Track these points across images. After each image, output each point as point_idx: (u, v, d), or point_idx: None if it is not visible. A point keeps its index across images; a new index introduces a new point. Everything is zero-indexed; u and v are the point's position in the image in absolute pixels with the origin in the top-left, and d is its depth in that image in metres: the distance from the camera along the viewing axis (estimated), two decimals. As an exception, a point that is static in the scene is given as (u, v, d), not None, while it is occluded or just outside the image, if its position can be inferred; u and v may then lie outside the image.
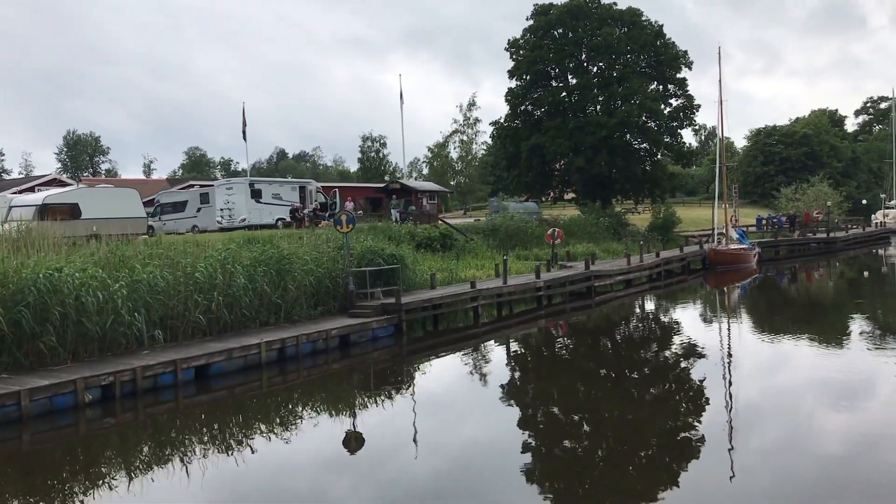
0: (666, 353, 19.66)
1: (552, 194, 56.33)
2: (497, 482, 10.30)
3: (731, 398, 14.25)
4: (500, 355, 19.98)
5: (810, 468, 10.29)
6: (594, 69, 51.89)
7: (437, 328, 22.92)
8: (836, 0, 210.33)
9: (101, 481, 10.71)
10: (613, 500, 9.64)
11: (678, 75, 51.84)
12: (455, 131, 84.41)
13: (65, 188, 35.24)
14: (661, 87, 52.00)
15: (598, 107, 50.93)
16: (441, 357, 19.64)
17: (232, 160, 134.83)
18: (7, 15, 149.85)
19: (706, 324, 25.27)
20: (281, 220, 36.16)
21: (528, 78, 52.15)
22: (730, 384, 15.47)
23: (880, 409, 13.26)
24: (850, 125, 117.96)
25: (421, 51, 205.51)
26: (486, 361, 19.02)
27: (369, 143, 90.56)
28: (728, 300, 31.78)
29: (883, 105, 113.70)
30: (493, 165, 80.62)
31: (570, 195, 57.04)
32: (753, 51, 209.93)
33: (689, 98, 51.84)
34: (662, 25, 51.37)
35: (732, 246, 42.45)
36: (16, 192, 38.33)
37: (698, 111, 51.78)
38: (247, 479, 10.59)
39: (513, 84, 53.28)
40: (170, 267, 17.87)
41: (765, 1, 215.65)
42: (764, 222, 60.16)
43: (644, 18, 51.59)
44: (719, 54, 46.17)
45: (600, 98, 50.75)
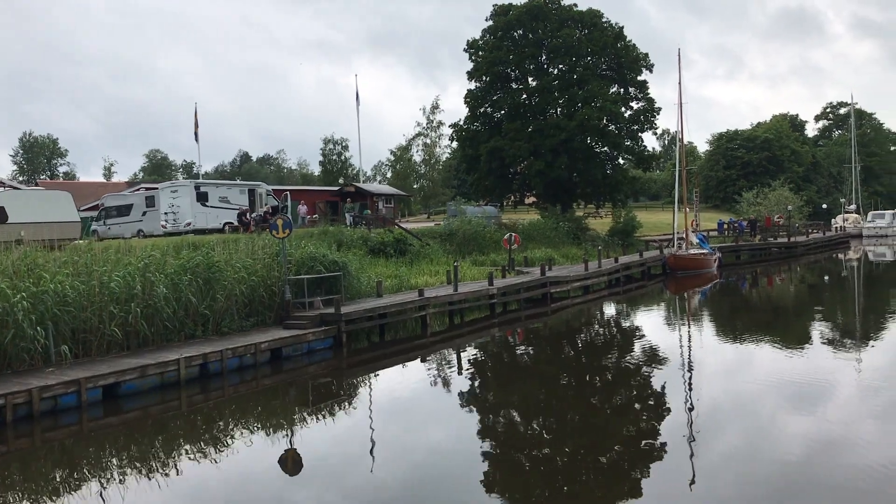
0: (625, 359, 19.01)
1: (513, 198, 55.42)
2: (452, 495, 9.82)
3: (691, 403, 14.03)
4: (451, 365, 18.77)
5: (770, 471, 10.05)
6: (554, 71, 51.00)
7: (384, 339, 21.74)
8: (795, 7, 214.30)
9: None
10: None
11: (639, 78, 51.19)
12: (418, 134, 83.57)
13: (-9, 191, 33.37)
14: (621, 89, 51.30)
15: (559, 109, 50.10)
16: (386, 369, 18.44)
17: (194, 163, 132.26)
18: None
19: (666, 329, 24.55)
20: (229, 224, 34.65)
21: (487, 80, 51.14)
22: (689, 389, 15.34)
23: (839, 411, 13.12)
24: (811, 130, 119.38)
25: (386, 54, 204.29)
26: (435, 372, 17.90)
27: (331, 146, 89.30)
28: (688, 305, 31.10)
29: (842, 110, 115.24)
30: (456, 169, 79.59)
31: (532, 199, 56.10)
32: (716, 56, 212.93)
33: (650, 101, 51.16)
34: (623, 27, 50.69)
35: (693, 251, 42.00)
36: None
37: (659, 114, 51.16)
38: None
39: (472, 86, 52.26)
40: (85, 276, 16.47)
41: (726, 7, 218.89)
42: (725, 227, 60.08)
43: (605, 20, 50.86)
44: (679, 56, 45.59)
45: (560, 100, 49.91)
